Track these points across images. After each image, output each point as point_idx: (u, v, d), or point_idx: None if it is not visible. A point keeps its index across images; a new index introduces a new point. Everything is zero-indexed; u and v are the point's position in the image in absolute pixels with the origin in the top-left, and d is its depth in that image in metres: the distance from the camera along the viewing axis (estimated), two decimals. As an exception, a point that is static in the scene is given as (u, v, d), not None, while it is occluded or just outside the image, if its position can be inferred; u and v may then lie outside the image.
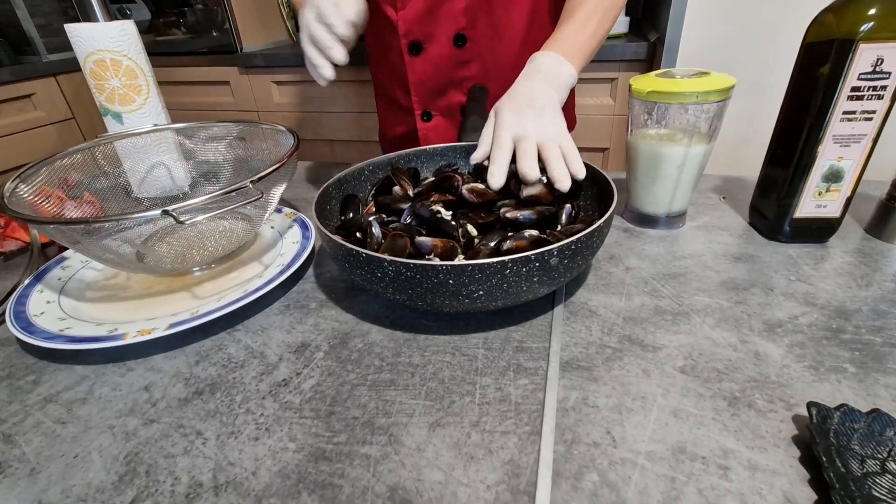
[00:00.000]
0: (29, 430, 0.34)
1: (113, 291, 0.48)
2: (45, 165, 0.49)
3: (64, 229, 0.39)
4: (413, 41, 0.69)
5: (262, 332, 0.42)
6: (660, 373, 0.35)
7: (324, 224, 0.49)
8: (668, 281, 0.46)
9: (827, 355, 0.36)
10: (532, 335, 0.40)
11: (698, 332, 0.39)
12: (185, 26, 1.75)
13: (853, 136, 0.45)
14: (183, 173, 0.64)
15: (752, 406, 0.32)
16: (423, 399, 0.34)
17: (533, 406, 0.33)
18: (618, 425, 0.31)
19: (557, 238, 0.37)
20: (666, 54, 1.23)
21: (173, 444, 0.32)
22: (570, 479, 0.28)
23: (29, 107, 1.60)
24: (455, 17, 0.68)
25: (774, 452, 0.29)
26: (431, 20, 0.68)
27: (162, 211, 0.38)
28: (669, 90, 0.48)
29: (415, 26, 0.68)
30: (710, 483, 0.27)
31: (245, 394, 0.36)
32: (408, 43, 0.69)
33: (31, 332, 0.40)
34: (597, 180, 0.49)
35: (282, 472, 0.29)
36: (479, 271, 0.34)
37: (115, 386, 0.37)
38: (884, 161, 0.52)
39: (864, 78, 0.42)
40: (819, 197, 0.48)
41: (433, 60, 0.70)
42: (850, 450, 0.28)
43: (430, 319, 0.42)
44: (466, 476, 0.29)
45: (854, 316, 0.40)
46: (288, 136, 0.54)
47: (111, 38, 0.58)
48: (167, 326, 0.39)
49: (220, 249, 0.50)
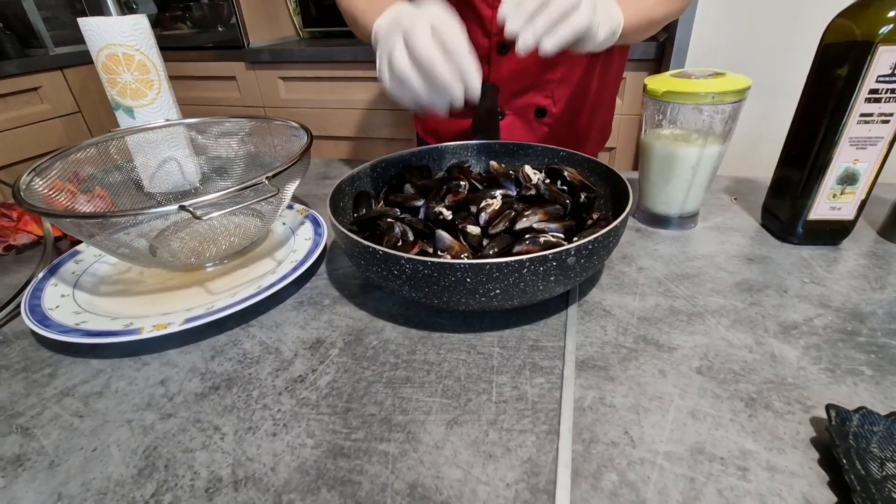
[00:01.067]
0: (47, 423, 0.34)
1: (126, 286, 0.48)
2: (60, 159, 0.49)
3: (80, 223, 0.39)
4: (503, 41, 0.68)
5: (276, 328, 0.42)
6: (676, 373, 0.35)
7: (339, 220, 0.49)
8: (682, 281, 0.46)
9: (843, 358, 0.36)
10: (547, 334, 0.40)
11: (713, 333, 0.39)
12: (192, 21, 1.75)
13: (870, 139, 0.45)
14: (194, 168, 0.64)
15: (770, 408, 0.32)
16: (439, 397, 0.34)
17: (550, 405, 0.33)
18: (635, 425, 0.31)
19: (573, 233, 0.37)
20: (675, 54, 1.23)
21: (191, 438, 0.32)
22: (589, 478, 0.28)
23: (35, 100, 1.60)
24: None
25: (793, 454, 0.29)
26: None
27: (179, 206, 0.38)
28: (685, 90, 0.48)
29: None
30: (730, 484, 0.27)
31: (261, 389, 0.36)
32: (497, 42, 0.68)
33: (47, 325, 0.40)
34: (611, 179, 0.49)
35: (301, 468, 0.29)
36: (496, 270, 0.34)
37: (131, 380, 0.37)
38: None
39: (882, 80, 0.42)
40: (833, 199, 0.48)
41: (520, 61, 0.69)
42: (869, 452, 0.28)
43: (445, 317, 0.42)
44: (485, 474, 0.29)
45: (869, 318, 0.40)
46: (301, 132, 0.54)
47: (124, 32, 0.58)
48: (183, 321, 0.39)
49: (233, 245, 0.50)
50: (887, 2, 0.41)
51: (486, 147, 0.61)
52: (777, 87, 1.12)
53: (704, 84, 0.48)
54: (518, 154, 0.60)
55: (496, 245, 0.43)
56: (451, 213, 0.47)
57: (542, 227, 0.44)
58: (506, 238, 0.44)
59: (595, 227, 0.44)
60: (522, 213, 0.45)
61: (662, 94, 0.49)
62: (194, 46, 1.71)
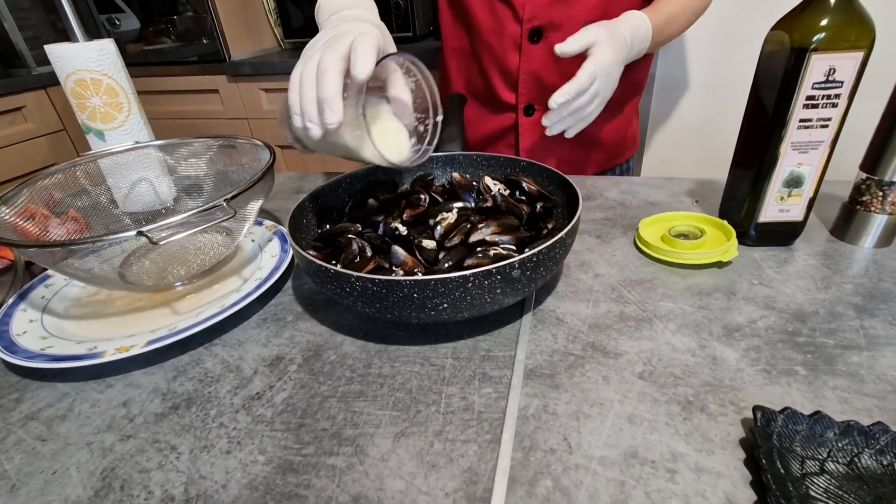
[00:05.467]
0: (10, 447, 0.35)
1: (96, 308, 0.49)
2: (26, 187, 0.50)
3: (41, 252, 0.41)
4: (535, 27, 0.67)
5: (238, 346, 0.43)
6: (619, 379, 0.37)
7: (301, 237, 0.50)
8: (635, 287, 0.47)
9: (780, 358, 0.37)
10: (499, 344, 0.41)
11: (659, 338, 0.40)
12: (175, 35, 1.76)
13: (811, 143, 0.46)
14: (166, 188, 0.65)
15: (705, 410, 0.33)
16: (390, 409, 0.35)
17: (495, 414, 0.34)
18: (575, 432, 0.33)
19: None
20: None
21: (148, 458, 0.33)
22: (525, 485, 0.29)
23: (19, 119, 1.61)
24: (588, 9, 0.66)
25: (721, 455, 0.30)
26: (561, 8, 0.66)
27: (137, 232, 0.39)
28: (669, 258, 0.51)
29: (541, 11, 0.66)
30: (658, 486, 0.29)
31: (219, 408, 0.37)
32: (529, 29, 0.67)
33: (13, 351, 0.41)
34: (565, 188, 0.50)
35: (250, 485, 0.31)
36: (441, 285, 0.35)
37: (94, 402, 0.38)
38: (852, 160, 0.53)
39: (818, 87, 0.44)
40: (781, 202, 0.50)
41: (553, 51, 0.65)
42: (791, 451, 0.29)
43: (402, 330, 0.43)
44: (427, 484, 0.30)
45: (810, 318, 0.41)
46: (265, 151, 0.55)
47: (90, 58, 0.59)
48: (145, 343, 0.40)
49: (200, 264, 0.51)
50: (818, 12, 0.42)
51: (451, 159, 0.62)
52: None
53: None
54: (482, 165, 0.61)
55: (451, 258, 0.44)
56: (408, 228, 0.48)
57: (495, 240, 0.45)
58: (461, 251, 0.45)
59: (548, 237, 0.46)
60: (477, 225, 0.46)
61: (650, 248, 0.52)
62: (177, 61, 1.72)
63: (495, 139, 0.81)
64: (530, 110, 0.75)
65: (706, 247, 0.51)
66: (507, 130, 0.78)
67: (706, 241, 0.51)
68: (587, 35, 0.58)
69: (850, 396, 0.34)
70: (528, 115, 0.76)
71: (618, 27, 0.62)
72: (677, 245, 0.50)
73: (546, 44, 0.69)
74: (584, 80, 0.57)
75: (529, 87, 0.73)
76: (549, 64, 0.70)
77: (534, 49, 0.69)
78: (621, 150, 0.85)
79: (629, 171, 0.91)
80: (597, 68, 0.57)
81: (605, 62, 0.58)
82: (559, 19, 0.67)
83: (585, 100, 0.58)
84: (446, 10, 0.78)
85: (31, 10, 1.84)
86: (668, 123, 1.33)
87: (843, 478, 0.28)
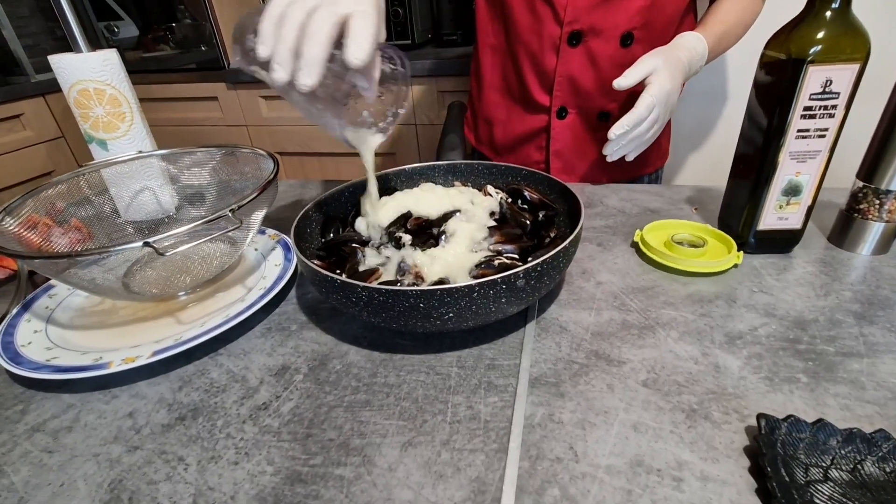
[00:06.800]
0: (17, 459, 0.35)
1: (100, 318, 0.49)
2: (31, 197, 0.50)
3: (46, 263, 0.41)
4: (575, 30, 0.66)
5: (244, 356, 0.43)
6: (623, 387, 0.37)
7: (305, 246, 0.51)
8: (637, 294, 0.48)
9: (782, 366, 0.38)
10: (504, 352, 0.41)
11: (662, 346, 0.41)
12: (174, 42, 1.77)
13: (808, 153, 0.47)
14: (169, 197, 0.65)
15: (709, 418, 0.34)
16: (396, 419, 0.36)
17: (501, 423, 0.35)
18: (581, 440, 0.33)
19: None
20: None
21: (156, 470, 0.33)
22: (532, 494, 0.30)
23: (18, 127, 1.61)
24: (630, 15, 0.65)
25: (726, 463, 0.31)
26: (603, 12, 0.65)
27: (143, 243, 0.39)
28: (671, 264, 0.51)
29: (583, 15, 0.65)
30: (664, 494, 0.29)
31: (226, 418, 0.37)
32: (569, 31, 0.66)
33: (18, 362, 0.41)
34: (566, 197, 0.51)
35: (259, 496, 0.31)
36: (447, 295, 0.36)
37: (100, 413, 0.38)
38: (849, 168, 0.54)
39: (815, 98, 0.44)
40: (780, 210, 0.50)
41: (592, 57, 0.67)
42: (795, 459, 0.30)
43: (407, 339, 0.44)
44: (435, 494, 0.30)
45: (811, 326, 0.42)
46: (268, 161, 0.56)
47: (94, 68, 0.59)
48: (151, 354, 0.40)
49: (203, 274, 0.51)
50: (815, 24, 0.43)
51: (452, 167, 0.63)
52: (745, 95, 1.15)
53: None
54: (483, 173, 0.62)
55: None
56: (412, 237, 0.49)
57: (499, 249, 0.45)
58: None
59: (551, 246, 0.46)
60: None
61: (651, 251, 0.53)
62: (176, 68, 1.72)
63: (525, 140, 0.79)
64: (563, 113, 0.74)
65: (708, 256, 0.51)
66: (539, 132, 0.77)
67: (708, 250, 0.52)
68: (644, 66, 0.59)
69: (852, 403, 0.34)
70: (561, 117, 0.74)
71: (675, 52, 0.62)
72: (681, 252, 0.51)
73: (585, 48, 0.68)
74: (643, 111, 0.59)
75: (564, 90, 0.72)
76: (586, 69, 0.69)
77: (572, 53, 0.69)
78: (653, 159, 0.84)
79: (658, 181, 0.89)
80: (655, 98, 0.59)
81: (663, 90, 0.59)
82: (601, 25, 0.66)
83: (644, 128, 0.60)
84: (483, 5, 0.77)
85: (30, 17, 1.84)
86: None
87: (846, 485, 0.28)
